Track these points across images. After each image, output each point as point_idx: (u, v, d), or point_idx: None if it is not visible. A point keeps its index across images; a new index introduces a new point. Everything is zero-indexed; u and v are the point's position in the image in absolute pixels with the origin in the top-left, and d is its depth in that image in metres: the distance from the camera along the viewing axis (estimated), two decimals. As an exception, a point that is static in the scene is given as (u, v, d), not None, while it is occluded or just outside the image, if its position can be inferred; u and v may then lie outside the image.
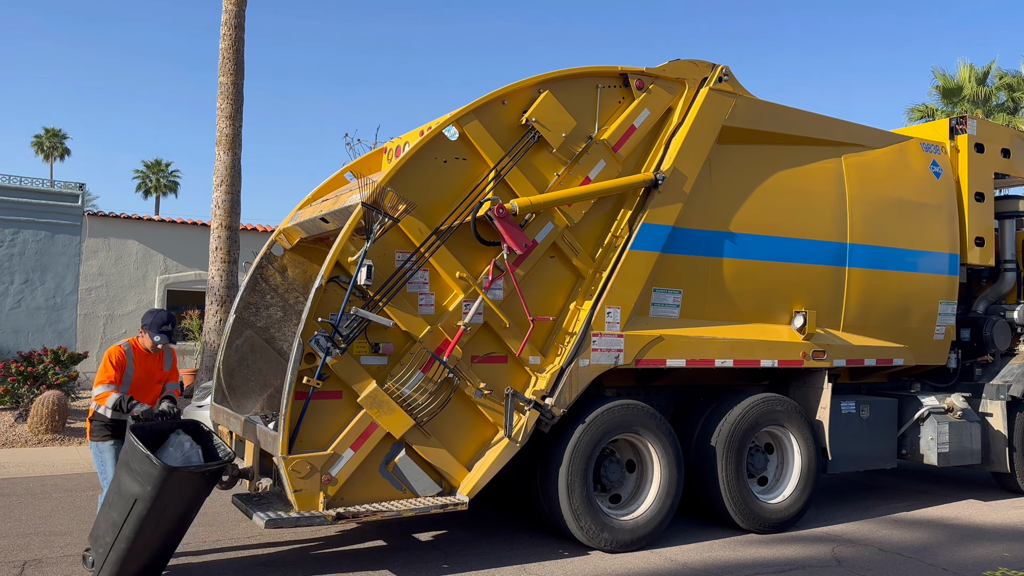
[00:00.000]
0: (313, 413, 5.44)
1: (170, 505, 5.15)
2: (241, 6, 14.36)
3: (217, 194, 14.17)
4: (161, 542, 5.33)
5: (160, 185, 62.60)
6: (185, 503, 5.31)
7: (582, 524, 6.19)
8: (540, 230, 6.20)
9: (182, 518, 5.39)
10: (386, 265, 5.70)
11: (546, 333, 6.32)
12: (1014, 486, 8.85)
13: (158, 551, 5.36)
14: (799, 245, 7.41)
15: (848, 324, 7.76)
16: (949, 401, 8.33)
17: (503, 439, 5.97)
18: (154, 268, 19.40)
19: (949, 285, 8.50)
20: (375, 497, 5.62)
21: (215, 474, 5.39)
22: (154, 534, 5.21)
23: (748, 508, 6.93)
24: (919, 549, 6.69)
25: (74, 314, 18.39)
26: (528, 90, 6.25)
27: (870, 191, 7.93)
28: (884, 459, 8.11)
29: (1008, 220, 9.47)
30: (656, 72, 6.83)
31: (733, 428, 6.91)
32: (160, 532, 5.25)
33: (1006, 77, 26.68)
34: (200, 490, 5.37)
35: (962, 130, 8.87)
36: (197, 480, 5.26)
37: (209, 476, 5.34)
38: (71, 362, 14.26)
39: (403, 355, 5.72)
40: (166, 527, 5.27)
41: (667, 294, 6.77)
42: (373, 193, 5.60)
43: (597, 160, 6.48)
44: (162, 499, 5.07)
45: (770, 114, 7.41)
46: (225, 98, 14.22)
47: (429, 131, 5.99)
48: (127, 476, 5.13)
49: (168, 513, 5.18)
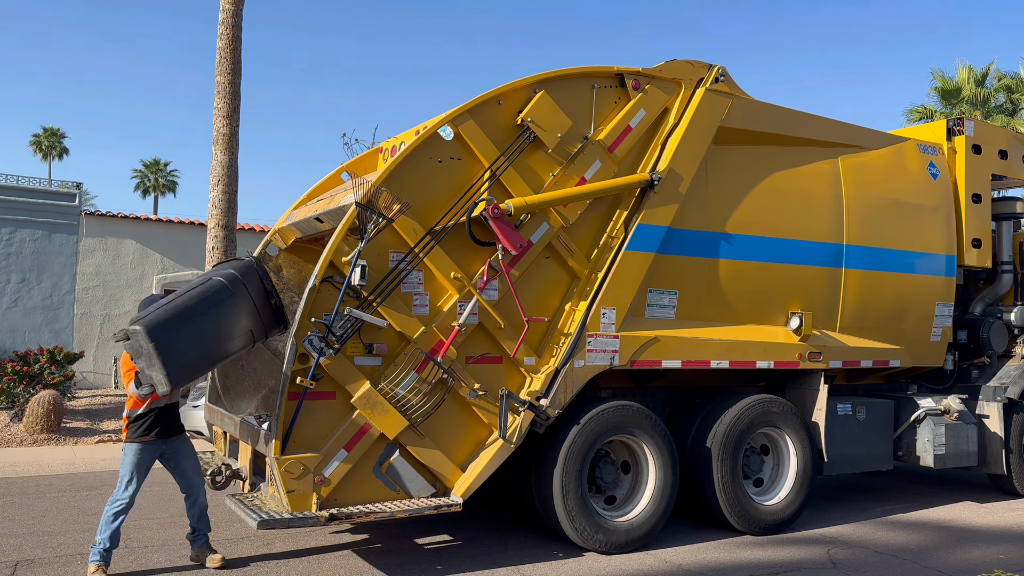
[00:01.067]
0: (306, 414, 5.42)
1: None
2: (238, 6, 14.33)
3: (214, 194, 14.14)
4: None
5: (158, 185, 62.53)
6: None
7: (577, 525, 6.17)
8: (535, 230, 6.18)
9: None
10: (380, 265, 5.68)
11: (541, 334, 6.30)
12: (1010, 488, 8.84)
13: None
14: (795, 246, 7.39)
15: (844, 326, 7.75)
16: (946, 403, 8.31)
17: (497, 440, 5.95)
18: (151, 267, 19.37)
19: (946, 287, 8.48)
20: (369, 498, 5.60)
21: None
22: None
23: (743, 510, 6.91)
24: (915, 551, 6.67)
25: (71, 314, 18.35)
26: (524, 90, 6.23)
27: (867, 192, 7.91)
28: (880, 461, 8.10)
29: (1005, 222, 9.45)
30: (652, 72, 6.81)
31: (729, 429, 6.89)
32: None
33: (1005, 79, 26.66)
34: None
35: (959, 131, 8.86)
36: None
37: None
38: (67, 362, 14.24)
39: (397, 356, 5.70)
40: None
41: (663, 295, 6.75)
42: (367, 193, 5.58)
43: (593, 160, 6.46)
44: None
45: (767, 115, 7.40)
46: (222, 97, 14.19)
47: (424, 131, 5.97)
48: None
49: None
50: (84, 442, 11.97)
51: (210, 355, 5.42)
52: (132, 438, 5.68)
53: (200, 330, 5.27)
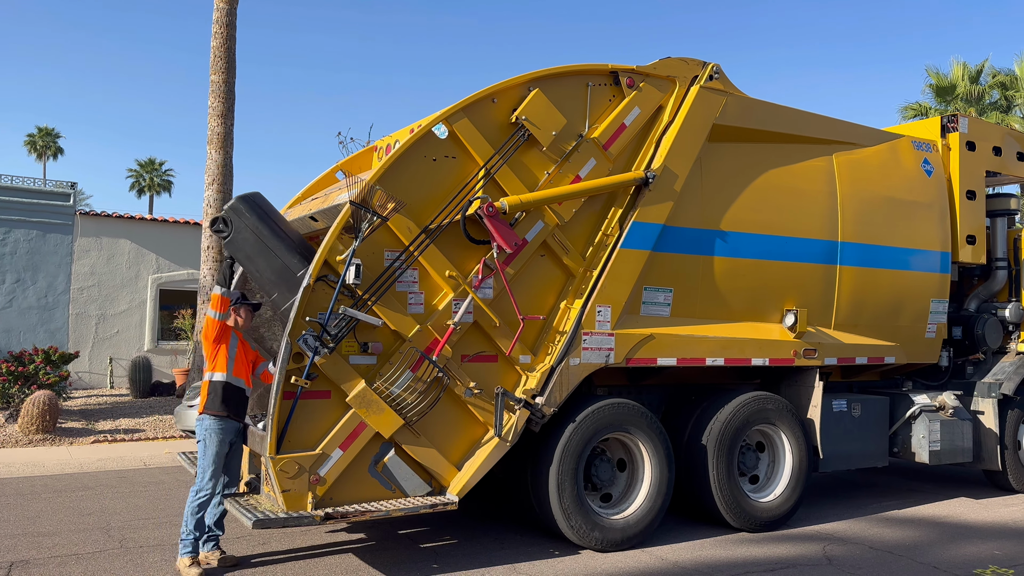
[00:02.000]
0: (301, 413, 5.41)
1: None
2: (233, 4, 14.31)
3: (209, 193, 14.13)
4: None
5: (154, 184, 62.33)
6: None
7: (573, 523, 6.17)
8: (530, 229, 6.18)
9: None
10: (375, 264, 5.67)
11: (536, 332, 6.30)
12: (1006, 484, 8.86)
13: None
14: (790, 243, 7.40)
15: (839, 322, 7.76)
16: (941, 399, 8.33)
17: (493, 438, 5.95)
18: (147, 267, 19.34)
19: (940, 283, 8.50)
20: (364, 497, 5.60)
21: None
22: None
23: (739, 507, 6.92)
24: (910, 547, 6.69)
25: (66, 313, 18.32)
26: (518, 88, 6.23)
27: (861, 189, 7.92)
28: (876, 457, 8.11)
29: (1000, 218, 9.47)
30: (646, 70, 6.81)
31: (724, 427, 6.90)
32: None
33: (999, 75, 26.72)
34: None
35: (953, 128, 8.87)
36: None
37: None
38: (62, 362, 14.20)
39: (392, 354, 5.69)
40: None
41: (658, 292, 6.75)
42: (361, 192, 5.57)
43: (587, 158, 6.46)
44: None
45: (761, 112, 7.40)
46: (217, 96, 14.17)
47: (418, 129, 5.96)
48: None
49: None
50: (79, 442, 11.94)
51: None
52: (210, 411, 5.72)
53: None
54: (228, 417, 5.72)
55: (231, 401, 5.74)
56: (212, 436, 5.67)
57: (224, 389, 5.72)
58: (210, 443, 5.67)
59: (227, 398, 5.72)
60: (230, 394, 5.74)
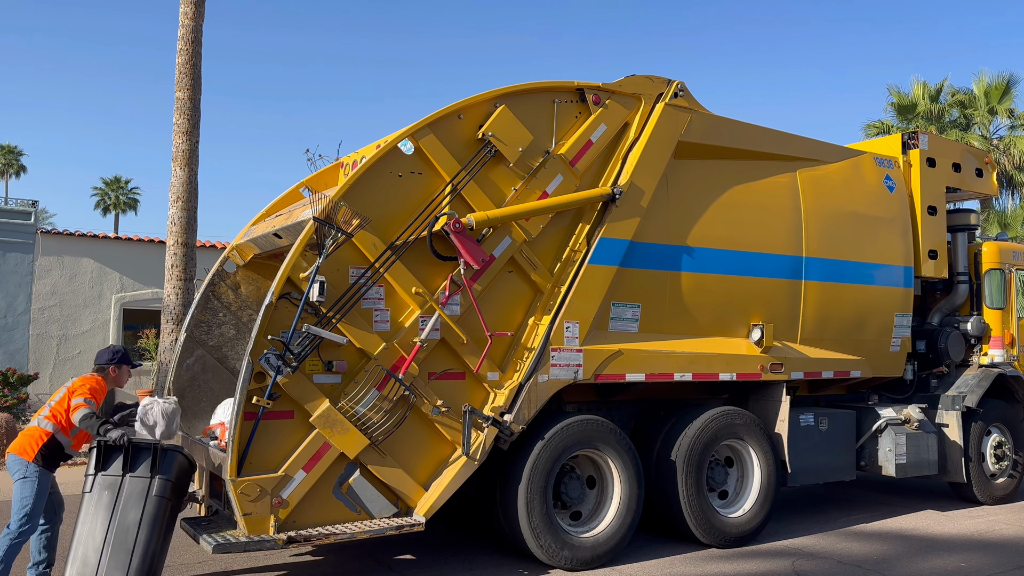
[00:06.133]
0: (263, 434, 5.30)
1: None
2: (198, 21, 14.16)
3: (173, 210, 13.90)
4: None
5: (119, 202, 61.38)
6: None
7: (542, 542, 6.10)
8: (497, 245, 6.15)
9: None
10: (340, 281, 5.60)
11: (504, 349, 6.25)
12: (971, 496, 8.96)
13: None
14: (756, 259, 7.45)
15: (805, 337, 7.81)
16: (906, 412, 8.41)
17: (461, 457, 5.87)
18: (110, 286, 18.96)
19: (904, 297, 8.60)
20: (328, 519, 5.48)
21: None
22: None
23: (709, 523, 6.90)
24: (878, 561, 6.71)
25: (26, 334, 17.87)
26: (484, 104, 6.21)
27: (825, 205, 8.01)
28: (843, 471, 8.16)
29: (960, 233, 9.64)
30: (612, 87, 6.84)
31: (693, 442, 6.89)
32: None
33: (958, 94, 27.36)
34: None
35: (914, 145, 9.02)
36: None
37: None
38: (21, 383, 13.86)
39: (357, 373, 5.61)
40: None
41: (626, 308, 6.74)
42: (325, 208, 5.50)
43: (555, 174, 6.45)
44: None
45: (725, 129, 7.46)
46: (182, 113, 13.98)
47: (384, 145, 5.91)
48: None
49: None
50: (38, 466, 11.61)
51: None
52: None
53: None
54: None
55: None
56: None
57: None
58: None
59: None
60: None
